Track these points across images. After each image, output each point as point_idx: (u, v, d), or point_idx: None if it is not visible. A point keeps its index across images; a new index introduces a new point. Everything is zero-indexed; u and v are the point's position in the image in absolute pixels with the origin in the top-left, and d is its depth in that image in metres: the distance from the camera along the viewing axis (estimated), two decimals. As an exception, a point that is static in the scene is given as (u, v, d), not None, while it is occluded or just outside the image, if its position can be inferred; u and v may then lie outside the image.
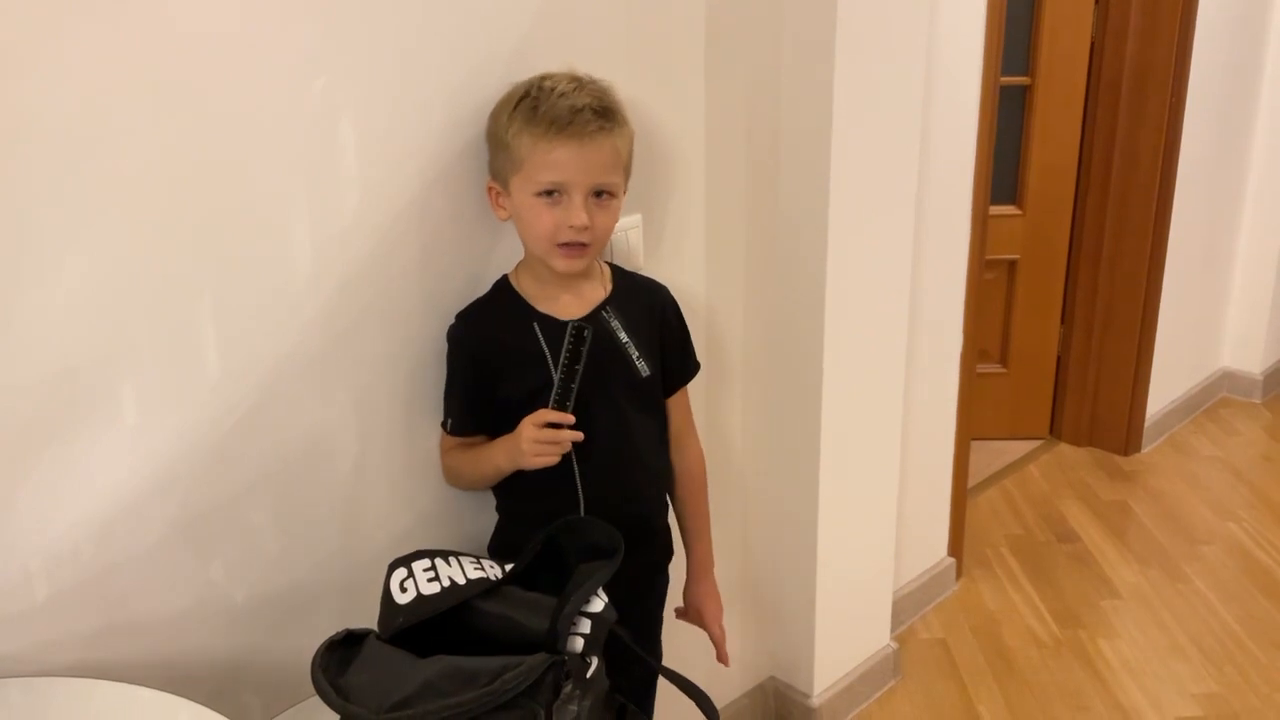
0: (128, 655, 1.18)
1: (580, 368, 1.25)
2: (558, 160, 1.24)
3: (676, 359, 1.47)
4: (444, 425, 1.39)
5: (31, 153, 1.02)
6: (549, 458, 1.27)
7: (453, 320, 1.36)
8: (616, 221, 1.34)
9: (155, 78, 1.07)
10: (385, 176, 1.28)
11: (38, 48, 1.00)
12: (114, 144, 1.06)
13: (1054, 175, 3.12)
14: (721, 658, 1.56)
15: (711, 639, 1.56)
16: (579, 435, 1.27)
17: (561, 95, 1.25)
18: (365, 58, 1.23)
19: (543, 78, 1.28)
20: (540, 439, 1.26)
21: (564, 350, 1.25)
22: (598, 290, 1.39)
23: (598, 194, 1.28)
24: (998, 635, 2.42)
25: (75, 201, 1.05)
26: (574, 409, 1.28)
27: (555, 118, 1.23)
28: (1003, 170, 3.03)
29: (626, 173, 1.33)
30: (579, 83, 1.28)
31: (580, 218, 1.26)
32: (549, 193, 1.26)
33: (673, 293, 1.48)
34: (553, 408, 1.26)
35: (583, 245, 1.28)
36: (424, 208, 1.32)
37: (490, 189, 1.34)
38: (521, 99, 1.26)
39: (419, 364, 1.37)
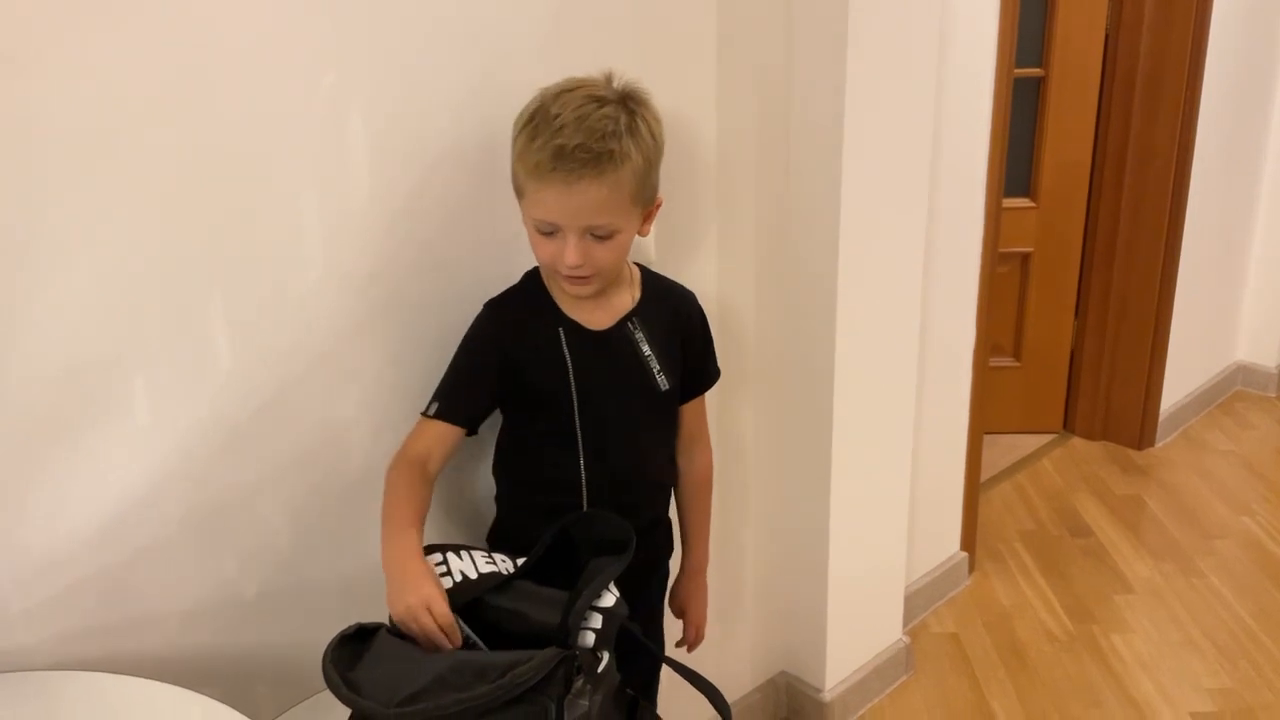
0: (140, 649, 1.19)
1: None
2: (545, 200, 1.19)
3: (697, 367, 1.44)
4: (425, 412, 1.28)
5: (43, 148, 1.02)
6: (411, 630, 1.09)
7: (481, 309, 1.33)
8: (625, 252, 1.27)
9: (166, 74, 1.07)
10: (399, 171, 1.28)
11: (49, 45, 1.00)
12: (126, 140, 1.06)
13: (1068, 168, 3.10)
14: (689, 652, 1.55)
15: (688, 638, 1.56)
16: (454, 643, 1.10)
17: (559, 129, 1.15)
18: (381, 53, 1.23)
19: (560, 91, 1.20)
20: (421, 623, 1.07)
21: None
22: (625, 299, 1.35)
23: (595, 233, 1.21)
24: (1010, 630, 2.41)
25: (87, 197, 1.05)
26: (590, 412, 1.29)
27: (540, 161, 1.16)
28: (1016, 163, 3.02)
29: (637, 201, 1.23)
30: (597, 103, 1.18)
31: (571, 258, 1.20)
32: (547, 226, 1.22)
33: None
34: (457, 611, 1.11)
35: (584, 277, 1.24)
36: (438, 203, 1.32)
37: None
38: (529, 119, 1.20)
39: (431, 359, 1.36)
